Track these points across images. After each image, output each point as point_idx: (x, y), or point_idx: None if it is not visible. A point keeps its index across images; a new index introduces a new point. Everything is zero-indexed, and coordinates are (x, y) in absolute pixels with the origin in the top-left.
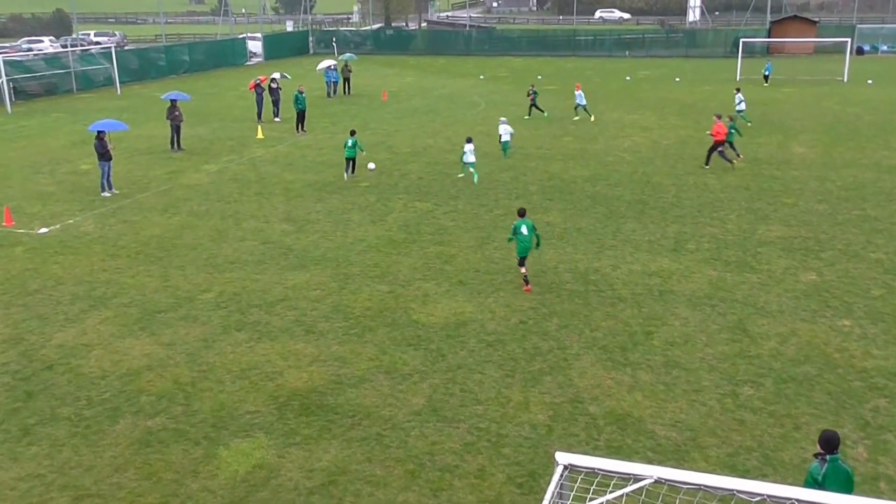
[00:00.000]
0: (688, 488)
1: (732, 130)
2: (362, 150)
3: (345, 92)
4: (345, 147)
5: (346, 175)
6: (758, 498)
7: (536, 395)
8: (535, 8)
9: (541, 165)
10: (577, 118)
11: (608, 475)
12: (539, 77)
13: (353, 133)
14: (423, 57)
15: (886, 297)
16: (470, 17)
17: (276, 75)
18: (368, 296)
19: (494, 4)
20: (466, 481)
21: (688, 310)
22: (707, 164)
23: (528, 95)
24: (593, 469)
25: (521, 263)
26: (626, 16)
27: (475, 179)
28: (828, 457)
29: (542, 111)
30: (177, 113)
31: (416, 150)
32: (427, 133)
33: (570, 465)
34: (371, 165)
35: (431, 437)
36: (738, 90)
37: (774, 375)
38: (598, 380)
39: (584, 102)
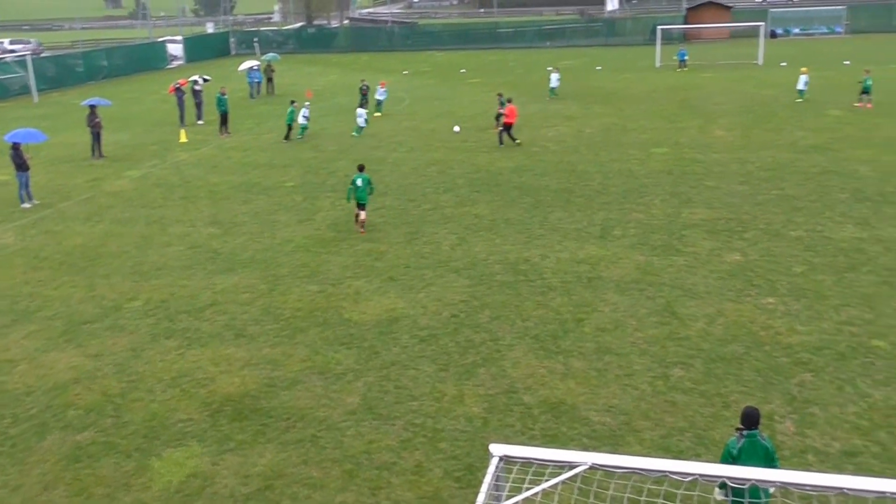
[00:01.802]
0: (622, 472)
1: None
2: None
3: (268, 92)
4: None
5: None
6: (690, 478)
7: (471, 388)
8: (456, 2)
9: (467, 158)
10: (377, 114)
11: (543, 464)
12: (463, 70)
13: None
14: (346, 54)
15: (807, 274)
16: (392, 13)
17: (198, 77)
18: (299, 296)
19: (415, 0)
20: (404, 478)
21: (617, 295)
22: (503, 143)
23: (362, 91)
24: (528, 459)
25: (360, 208)
26: None
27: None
28: (745, 432)
29: (379, 110)
30: (97, 119)
31: (343, 147)
32: (353, 130)
33: (505, 456)
34: (456, 128)
35: (367, 435)
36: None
37: (703, 356)
38: (532, 369)
39: (377, 96)
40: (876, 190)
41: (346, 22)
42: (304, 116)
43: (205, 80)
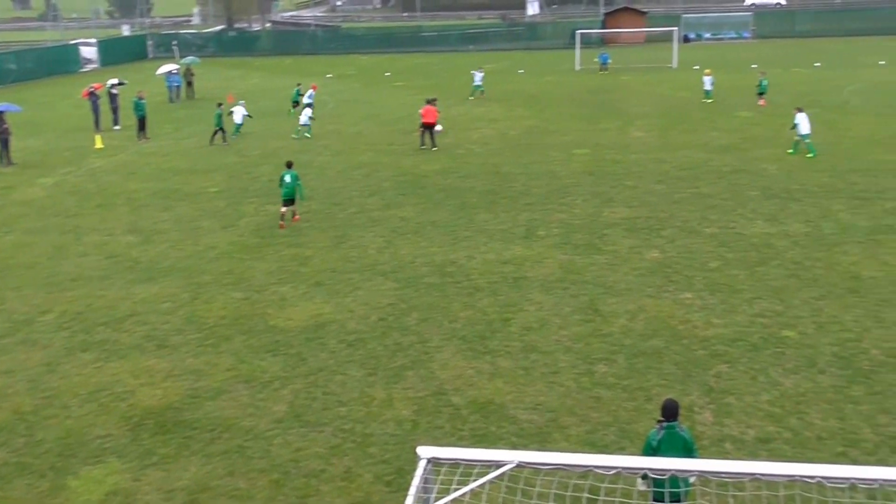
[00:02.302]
0: (548, 469)
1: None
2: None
3: (188, 96)
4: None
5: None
6: (613, 471)
7: (400, 391)
8: (379, 6)
9: (393, 161)
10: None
11: (471, 464)
12: (387, 73)
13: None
14: (269, 58)
15: (722, 269)
16: (315, 16)
17: (114, 81)
18: (223, 304)
19: (339, 3)
20: (333, 485)
21: (542, 294)
22: (424, 146)
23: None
24: (456, 460)
25: (285, 205)
26: (783, 2)
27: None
28: (665, 424)
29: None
30: (5, 126)
31: (266, 152)
32: (276, 134)
33: (433, 458)
34: (439, 127)
35: (295, 443)
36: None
37: (626, 351)
38: (460, 370)
39: (311, 101)
40: (783, 187)
41: (267, 25)
42: (242, 115)
43: (121, 84)
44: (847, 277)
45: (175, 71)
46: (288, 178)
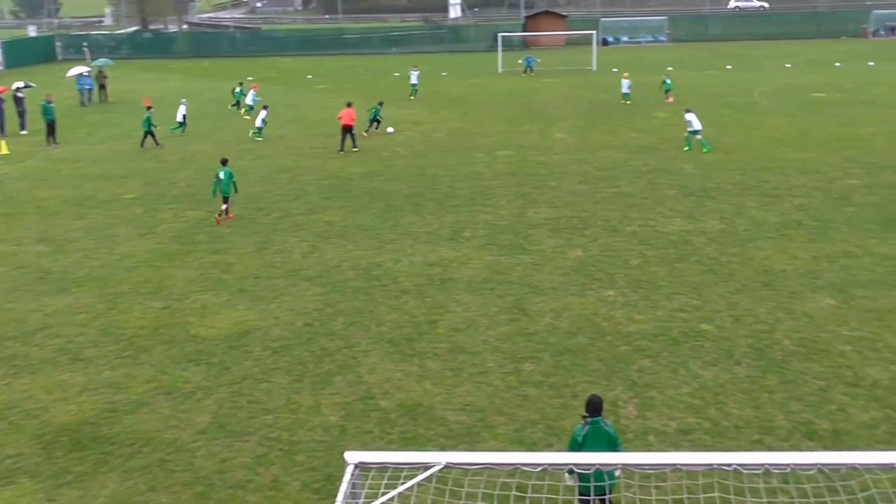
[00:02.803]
0: (476, 469)
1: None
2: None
3: (101, 100)
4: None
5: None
6: (540, 468)
7: (327, 397)
8: (300, 8)
9: (317, 164)
10: (247, 117)
11: (399, 467)
12: (309, 76)
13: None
14: (186, 60)
15: (643, 266)
16: (234, 18)
17: (20, 84)
18: (141, 314)
19: (258, 4)
20: (261, 495)
21: (469, 295)
22: (342, 150)
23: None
24: (383, 463)
25: (224, 202)
26: (766, 5)
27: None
28: (589, 419)
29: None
30: None
31: (185, 156)
32: (195, 139)
33: (361, 462)
34: (390, 129)
35: (220, 454)
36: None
37: (552, 349)
38: (388, 374)
39: (247, 100)
40: (699, 186)
41: (184, 27)
42: (182, 114)
43: (28, 87)
44: (760, 271)
45: (86, 73)
46: (222, 175)
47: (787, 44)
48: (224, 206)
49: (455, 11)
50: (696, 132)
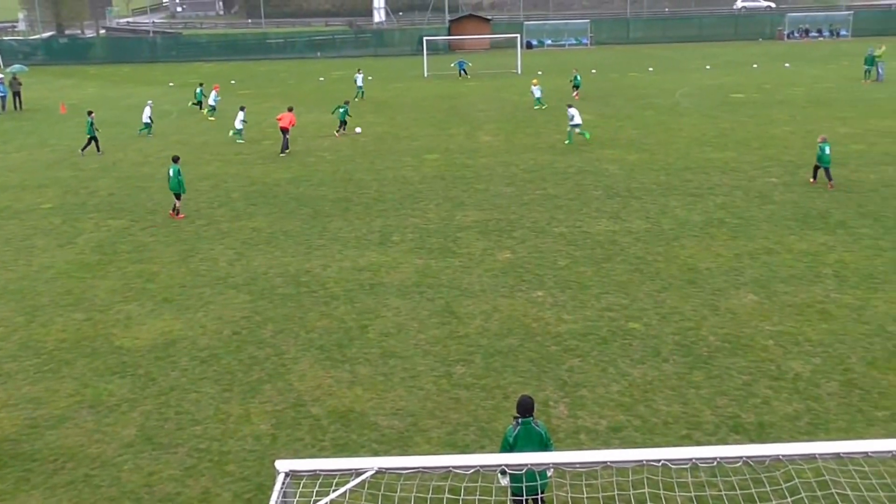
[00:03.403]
0: (408, 473)
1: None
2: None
3: (15, 107)
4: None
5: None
6: (472, 470)
7: (257, 406)
8: (222, 12)
9: (242, 171)
10: (211, 118)
11: (331, 474)
12: (233, 82)
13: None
14: (104, 66)
15: (571, 267)
16: (153, 22)
17: None
18: (62, 327)
19: (179, 9)
20: None
21: (399, 299)
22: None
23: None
24: (315, 471)
25: (177, 198)
26: (772, 4)
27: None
28: (520, 420)
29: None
30: None
31: (105, 164)
32: (115, 146)
33: (292, 471)
34: (357, 129)
35: (148, 467)
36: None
37: (482, 351)
38: (319, 380)
39: (209, 101)
40: (624, 186)
41: (102, 32)
42: (148, 115)
43: None
44: (685, 269)
45: None
46: (171, 173)
47: (706, 46)
48: (175, 203)
49: (379, 15)
50: (576, 125)
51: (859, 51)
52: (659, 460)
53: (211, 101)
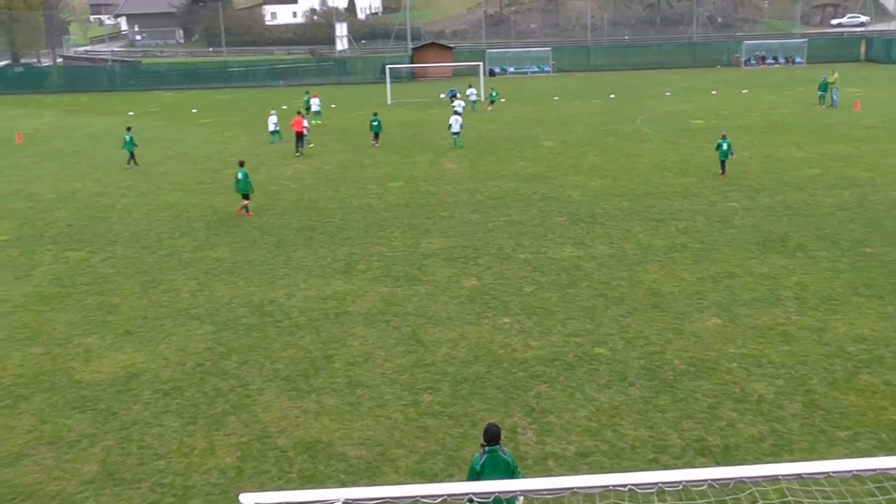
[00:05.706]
0: (375, 503)
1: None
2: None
3: None
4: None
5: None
6: (439, 499)
7: (222, 438)
8: (182, 41)
9: (203, 200)
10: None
11: None
12: (194, 110)
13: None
14: (61, 95)
15: (536, 293)
16: (112, 51)
17: None
18: (19, 361)
19: (138, 38)
20: None
21: (365, 328)
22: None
23: None
24: None
25: (245, 198)
26: (867, 18)
27: None
28: (487, 448)
29: None
30: None
31: (63, 195)
32: (73, 176)
33: None
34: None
35: None
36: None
37: (450, 379)
38: (284, 411)
39: (313, 107)
40: (587, 212)
41: (59, 60)
42: (274, 124)
43: None
44: (649, 294)
45: None
46: (240, 176)
47: (665, 73)
48: (245, 203)
49: (342, 44)
50: (456, 133)
51: (814, 77)
52: (626, 485)
53: (315, 108)
